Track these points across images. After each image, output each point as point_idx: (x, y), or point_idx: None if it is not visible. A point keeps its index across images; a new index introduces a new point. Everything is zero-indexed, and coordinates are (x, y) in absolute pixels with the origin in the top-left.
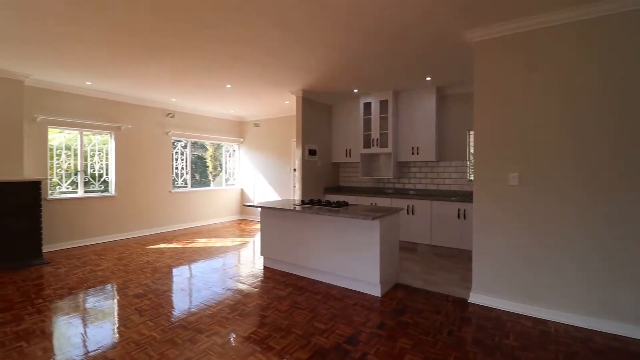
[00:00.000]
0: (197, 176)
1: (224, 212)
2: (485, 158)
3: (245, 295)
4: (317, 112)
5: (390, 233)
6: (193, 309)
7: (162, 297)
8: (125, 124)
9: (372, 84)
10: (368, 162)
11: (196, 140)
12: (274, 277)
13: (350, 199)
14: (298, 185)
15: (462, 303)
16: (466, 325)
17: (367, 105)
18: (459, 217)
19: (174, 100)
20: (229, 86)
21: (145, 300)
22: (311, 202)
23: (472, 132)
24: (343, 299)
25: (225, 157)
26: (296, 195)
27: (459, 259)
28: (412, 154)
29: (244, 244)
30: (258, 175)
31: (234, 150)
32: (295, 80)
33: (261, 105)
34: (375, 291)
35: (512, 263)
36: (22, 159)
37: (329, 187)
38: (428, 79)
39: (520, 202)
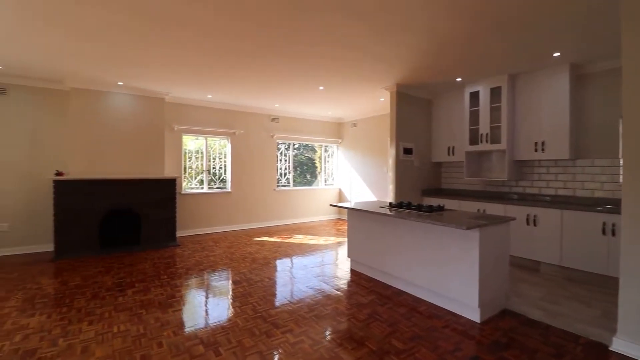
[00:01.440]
0: (308, 176)
1: (323, 210)
2: None
3: (326, 296)
4: (414, 108)
5: (495, 247)
6: (275, 303)
7: (253, 286)
8: (239, 130)
9: (480, 69)
10: (475, 161)
11: (298, 142)
12: (358, 282)
13: (451, 203)
14: (391, 187)
15: (600, 349)
16: None
17: (474, 95)
18: (604, 232)
19: (277, 106)
20: (321, 88)
21: (239, 287)
22: (400, 205)
23: None
24: (431, 318)
25: (324, 157)
26: (390, 197)
27: (602, 289)
28: (535, 150)
29: (337, 244)
30: (355, 176)
31: (332, 151)
32: (386, 75)
33: (356, 105)
34: (473, 315)
35: None
36: (163, 160)
37: (427, 189)
38: (556, 54)
39: None
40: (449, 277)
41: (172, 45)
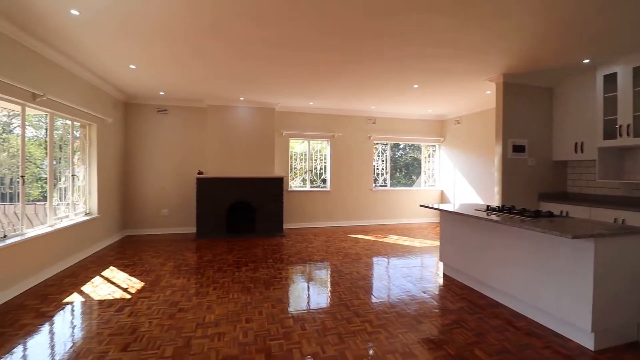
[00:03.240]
0: (414, 177)
1: (422, 212)
2: None
3: (411, 296)
4: (528, 98)
5: (622, 263)
6: (360, 295)
7: (342, 278)
8: (337, 132)
9: (615, 46)
10: (614, 160)
11: (395, 142)
12: (449, 287)
13: (579, 210)
14: (497, 188)
15: None
16: None
17: (610, 78)
18: None
19: (373, 107)
20: (415, 86)
21: (330, 277)
22: (500, 209)
23: None
24: (529, 336)
25: (424, 157)
26: (497, 201)
27: None
28: None
29: (432, 247)
30: (459, 176)
31: (433, 151)
32: (488, 66)
33: (458, 100)
34: (586, 341)
35: None
36: (273, 162)
37: (547, 194)
38: None
39: None
40: (557, 293)
41: (280, 62)
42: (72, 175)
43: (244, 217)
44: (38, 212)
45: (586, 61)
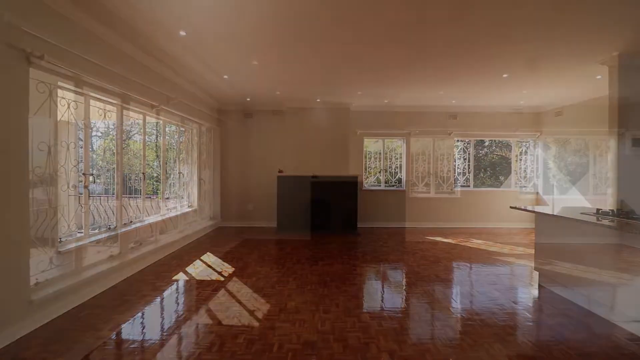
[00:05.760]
0: (502, 178)
1: (512, 216)
2: None
3: (499, 305)
4: None
5: None
6: (439, 298)
7: (419, 280)
8: (413, 130)
9: None
10: None
11: (480, 139)
12: (547, 300)
13: None
14: (610, 190)
15: None
16: None
17: None
18: None
19: (453, 102)
20: (505, 76)
21: (406, 278)
22: (615, 214)
23: None
24: None
25: (515, 155)
26: (610, 205)
27: None
28: None
29: (525, 255)
30: (559, 177)
31: (526, 147)
32: (600, 46)
33: (559, 88)
34: None
35: None
36: (347, 161)
37: None
38: None
39: None
40: None
41: (360, 60)
42: (178, 172)
43: (320, 213)
44: (152, 204)
45: None
